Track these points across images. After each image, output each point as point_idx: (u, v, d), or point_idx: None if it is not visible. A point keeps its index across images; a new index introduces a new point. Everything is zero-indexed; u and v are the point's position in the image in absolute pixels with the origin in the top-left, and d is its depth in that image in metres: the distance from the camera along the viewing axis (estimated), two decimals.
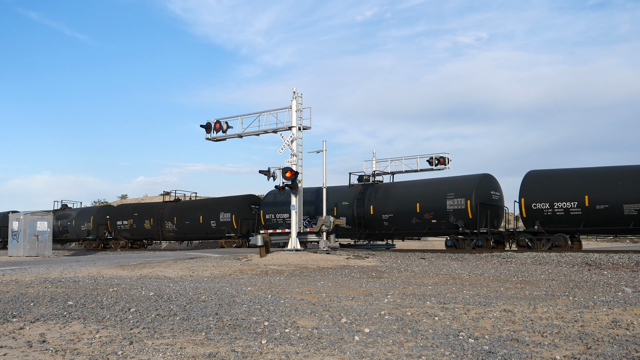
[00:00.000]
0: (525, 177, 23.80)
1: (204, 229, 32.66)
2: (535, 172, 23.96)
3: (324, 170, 24.82)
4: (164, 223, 34.59)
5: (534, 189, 23.07)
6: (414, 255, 22.39)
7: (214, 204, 33.56)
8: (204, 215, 32.56)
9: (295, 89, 22.92)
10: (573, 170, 23.32)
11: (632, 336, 5.80)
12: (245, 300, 8.67)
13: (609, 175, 21.82)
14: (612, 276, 13.27)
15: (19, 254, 26.74)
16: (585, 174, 22.52)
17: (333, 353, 5.11)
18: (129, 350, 5.20)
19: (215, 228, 31.92)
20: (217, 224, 31.79)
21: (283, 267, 16.75)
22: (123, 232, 37.39)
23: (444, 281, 12.23)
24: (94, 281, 12.01)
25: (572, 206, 21.88)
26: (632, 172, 21.42)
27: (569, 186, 22.17)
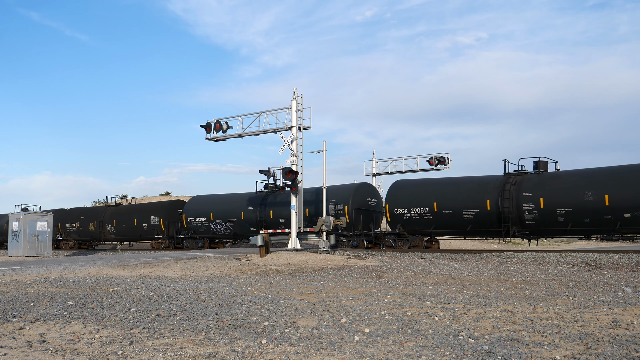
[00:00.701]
0: (390, 186, 27.71)
1: (137, 231, 36.56)
2: (399, 182, 28.05)
3: (324, 171, 24.84)
4: (105, 226, 38.52)
5: (396, 196, 26.86)
6: (414, 255, 22.39)
7: (146, 208, 37.49)
8: (138, 218, 36.39)
9: (295, 89, 22.92)
10: (426, 180, 27.50)
11: (632, 336, 5.80)
12: (245, 300, 8.68)
13: (452, 184, 25.81)
14: (612, 276, 13.27)
15: (19, 254, 26.74)
16: (435, 183, 26.65)
17: (333, 353, 5.11)
18: (129, 350, 5.20)
19: (147, 230, 35.71)
20: (148, 227, 35.60)
21: (283, 267, 16.75)
22: (72, 233, 41.11)
23: (444, 281, 12.24)
24: (94, 281, 12.01)
25: (424, 211, 25.69)
26: (471, 182, 25.32)
27: (422, 194, 25.95)
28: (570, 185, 22.33)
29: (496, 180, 24.54)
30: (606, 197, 21.14)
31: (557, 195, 22.39)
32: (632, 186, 20.87)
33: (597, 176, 22.13)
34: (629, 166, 21.98)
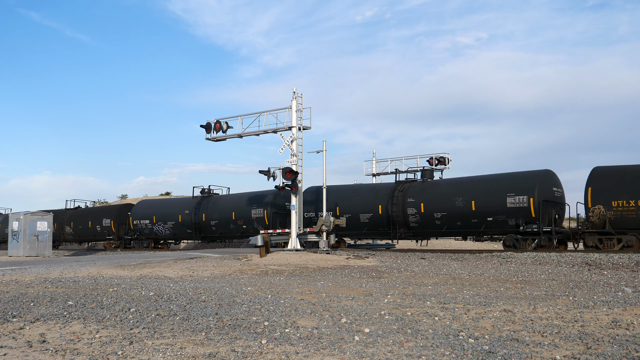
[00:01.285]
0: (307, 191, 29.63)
1: (92, 232, 38.77)
2: (330, 187, 29.46)
3: (324, 171, 24.84)
4: (64, 227, 40.34)
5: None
6: (414, 255, 22.39)
7: (99, 211, 39.90)
8: (92, 221, 38.63)
9: (295, 89, 22.92)
10: (332, 186, 28.78)
11: (632, 336, 5.80)
12: (245, 300, 8.68)
13: (352, 191, 28.28)
14: (612, 276, 13.27)
15: (19, 254, 26.74)
16: (338, 189, 28.69)
17: (333, 353, 5.11)
18: (129, 350, 5.20)
19: (100, 231, 37.99)
20: (101, 228, 37.86)
21: (283, 267, 16.75)
22: None
23: (444, 281, 12.24)
24: (94, 281, 12.01)
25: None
26: (367, 189, 28.20)
27: (330, 200, 26.88)
28: (445, 192, 25.16)
29: (387, 187, 27.32)
30: (472, 203, 24.10)
31: (434, 201, 25.15)
32: (493, 193, 23.60)
33: (466, 185, 25.02)
34: (491, 175, 25.03)
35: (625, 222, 20.60)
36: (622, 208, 20.69)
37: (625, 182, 20.89)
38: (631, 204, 20.48)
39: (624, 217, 20.61)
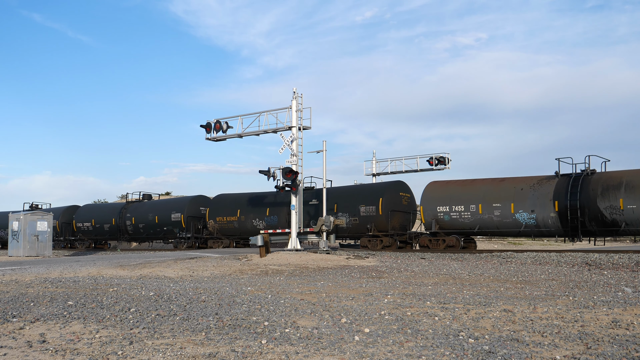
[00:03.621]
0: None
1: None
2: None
3: (324, 171, 24.83)
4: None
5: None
6: (414, 255, 22.39)
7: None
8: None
9: (295, 89, 22.92)
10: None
11: (632, 336, 5.80)
12: (245, 300, 8.67)
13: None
14: (612, 276, 13.27)
15: (19, 254, 26.72)
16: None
17: (333, 353, 5.11)
18: (129, 350, 5.20)
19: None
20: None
21: (283, 267, 16.75)
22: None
23: (444, 281, 12.23)
24: (94, 281, 12.01)
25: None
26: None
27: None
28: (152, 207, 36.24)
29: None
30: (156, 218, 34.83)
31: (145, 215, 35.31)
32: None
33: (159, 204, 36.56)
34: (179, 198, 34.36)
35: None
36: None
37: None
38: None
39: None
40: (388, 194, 27.30)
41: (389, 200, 27.03)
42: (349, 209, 27.60)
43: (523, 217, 23.36)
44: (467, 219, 24.69)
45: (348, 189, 29.78)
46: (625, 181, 21.31)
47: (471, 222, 24.60)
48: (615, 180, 21.62)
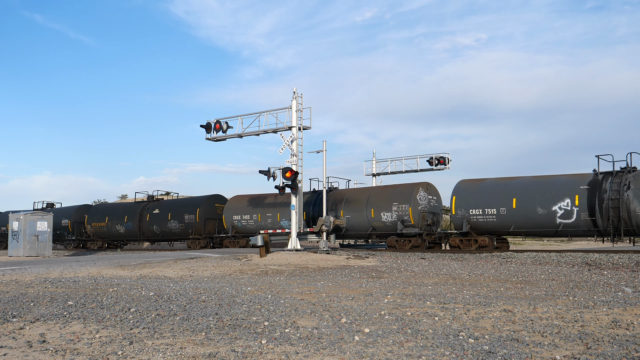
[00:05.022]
0: None
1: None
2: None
3: (324, 171, 24.84)
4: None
5: None
6: (414, 255, 22.39)
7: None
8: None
9: (295, 89, 22.92)
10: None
11: (632, 336, 5.80)
12: (245, 300, 8.67)
13: None
14: (612, 276, 13.27)
15: (19, 254, 26.72)
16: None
17: (333, 353, 5.11)
18: (129, 350, 5.20)
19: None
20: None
21: (283, 267, 16.75)
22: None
23: (444, 281, 12.23)
24: (94, 281, 12.01)
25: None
26: None
27: None
28: None
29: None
30: None
31: None
32: None
33: None
34: None
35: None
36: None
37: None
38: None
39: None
40: (205, 205, 32.42)
41: (203, 210, 32.34)
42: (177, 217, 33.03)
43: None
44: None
45: (177, 201, 35.89)
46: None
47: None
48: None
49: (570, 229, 22.39)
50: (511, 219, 23.08)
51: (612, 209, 20.96)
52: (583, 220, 21.74)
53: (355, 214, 27.02)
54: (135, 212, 35.10)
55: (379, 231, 26.70)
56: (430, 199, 26.70)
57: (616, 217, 20.95)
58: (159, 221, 34.21)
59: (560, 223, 22.12)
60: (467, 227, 24.07)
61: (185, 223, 32.81)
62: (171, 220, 33.27)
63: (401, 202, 26.00)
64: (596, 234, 22.20)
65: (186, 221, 32.71)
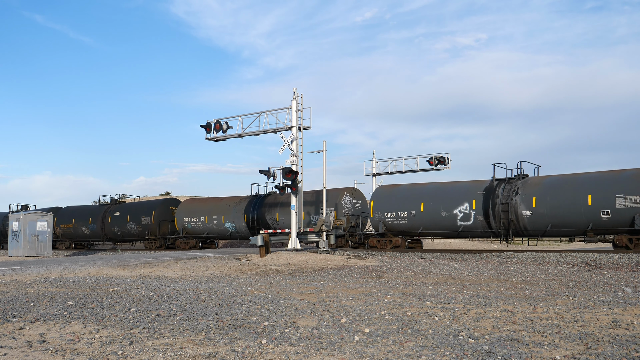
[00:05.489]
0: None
1: None
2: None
3: (324, 171, 24.84)
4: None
5: None
6: (414, 255, 22.39)
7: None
8: None
9: (295, 89, 22.91)
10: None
11: (632, 336, 5.80)
12: (245, 300, 8.67)
13: None
14: (612, 276, 13.27)
15: (19, 254, 26.72)
16: None
17: (333, 353, 5.11)
18: (129, 350, 5.20)
19: None
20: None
21: (283, 267, 16.75)
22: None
23: (444, 281, 12.23)
24: (94, 281, 12.01)
25: None
26: None
27: None
28: None
29: None
30: None
31: None
32: None
33: None
34: None
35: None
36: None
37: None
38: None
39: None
40: (160, 208, 34.89)
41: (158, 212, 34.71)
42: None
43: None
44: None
45: (136, 204, 37.20)
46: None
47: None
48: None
49: (469, 231, 24.68)
50: (420, 221, 25.66)
51: (503, 212, 23.26)
52: (479, 222, 24.11)
53: (288, 217, 28.33)
54: (98, 214, 37.11)
55: None
56: (354, 203, 29.20)
57: (506, 220, 23.19)
58: (119, 223, 36.10)
59: (461, 225, 24.57)
60: (383, 228, 26.65)
61: (142, 225, 34.86)
62: (130, 222, 35.35)
63: (328, 205, 27.74)
64: (491, 235, 24.53)
65: (143, 223, 34.84)
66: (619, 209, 20.87)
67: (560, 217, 22.00)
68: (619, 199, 20.95)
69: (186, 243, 33.59)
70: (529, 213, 22.65)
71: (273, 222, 29.92)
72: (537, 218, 22.55)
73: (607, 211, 21.13)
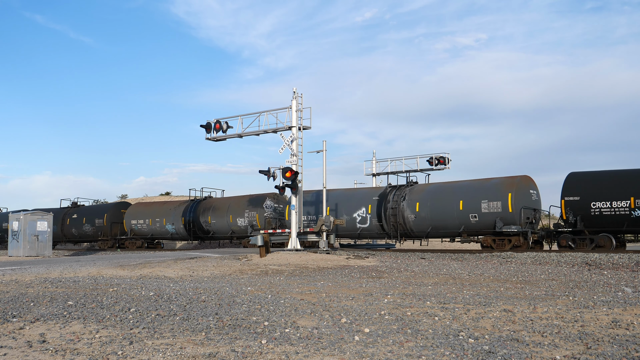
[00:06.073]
0: None
1: None
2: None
3: (324, 171, 24.86)
4: None
5: None
6: (414, 255, 22.40)
7: None
8: None
9: (295, 89, 22.91)
10: None
11: (632, 336, 5.80)
12: (245, 300, 8.68)
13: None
14: (612, 276, 13.27)
15: (19, 254, 26.72)
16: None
17: (333, 353, 5.11)
18: (129, 350, 5.20)
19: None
20: None
21: (283, 267, 16.75)
22: None
23: (444, 281, 12.23)
24: (94, 281, 12.01)
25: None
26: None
27: None
28: None
29: None
30: None
31: None
32: None
33: None
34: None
35: None
36: None
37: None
38: None
39: None
40: (111, 211, 37.73)
41: (110, 215, 37.57)
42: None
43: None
44: None
45: (91, 207, 39.03)
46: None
47: None
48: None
49: (367, 232, 27.20)
50: None
51: (392, 216, 25.79)
52: (374, 225, 26.59)
53: (219, 219, 32.09)
54: (59, 216, 39.18)
55: (237, 234, 31.62)
56: (276, 207, 31.03)
57: (395, 223, 25.74)
58: (77, 225, 38.83)
59: (359, 227, 27.12)
60: None
61: (96, 226, 37.67)
62: (85, 224, 38.20)
63: (251, 209, 30.78)
64: (385, 236, 27.10)
65: (96, 225, 37.67)
66: (484, 213, 23.65)
67: (438, 220, 24.73)
68: (484, 204, 23.75)
69: (134, 243, 36.01)
70: (413, 217, 25.37)
71: (206, 225, 32.73)
72: (420, 221, 25.25)
73: (475, 215, 23.90)
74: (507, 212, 23.17)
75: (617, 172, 23.05)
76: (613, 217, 21.79)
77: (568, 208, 22.74)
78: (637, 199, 21.36)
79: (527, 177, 24.83)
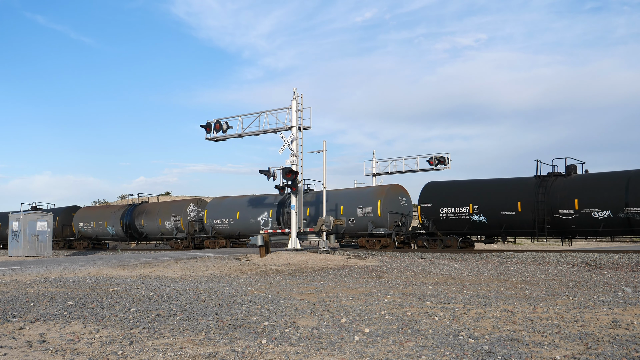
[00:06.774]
0: None
1: None
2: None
3: (324, 171, 24.86)
4: None
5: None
6: (414, 255, 22.40)
7: None
8: None
9: (295, 89, 22.91)
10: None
11: (632, 336, 5.80)
12: (245, 300, 8.67)
13: None
14: (612, 276, 13.27)
15: (19, 254, 26.72)
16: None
17: (333, 353, 5.11)
18: (129, 350, 5.20)
19: None
20: None
21: (283, 267, 16.75)
22: None
23: (444, 281, 12.23)
24: (94, 281, 12.01)
25: None
26: None
27: None
28: None
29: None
30: None
31: None
32: None
33: None
34: None
35: None
36: None
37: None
38: None
39: None
40: (63, 214, 40.76)
41: (61, 218, 40.64)
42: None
43: None
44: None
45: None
46: None
47: None
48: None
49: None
50: (237, 226, 32.13)
51: (289, 220, 26.18)
52: (274, 227, 29.55)
53: (151, 223, 36.12)
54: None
55: (165, 235, 35.48)
56: (199, 211, 34.89)
57: (284, 225, 28.74)
58: None
59: (263, 229, 29.65)
60: (214, 232, 33.38)
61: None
62: None
63: (176, 214, 34.77)
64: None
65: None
66: (360, 217, 27.37)
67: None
68: (359, 209, 27.45)
69: (81, 244, 40.09)
70: (305, 220, 26.77)
71: (140, 227, 36.60)
72: (309, 224, 27.39)
73: (352, 219, 27.54)
74: (377, 216, 26.86)
75: (460, 182, 26.54)
76: (457, 221, 25.08)
77: (423, 213, 26.09)
78: (475, 206, 24.66)
79: (397, 186, 28.53)
